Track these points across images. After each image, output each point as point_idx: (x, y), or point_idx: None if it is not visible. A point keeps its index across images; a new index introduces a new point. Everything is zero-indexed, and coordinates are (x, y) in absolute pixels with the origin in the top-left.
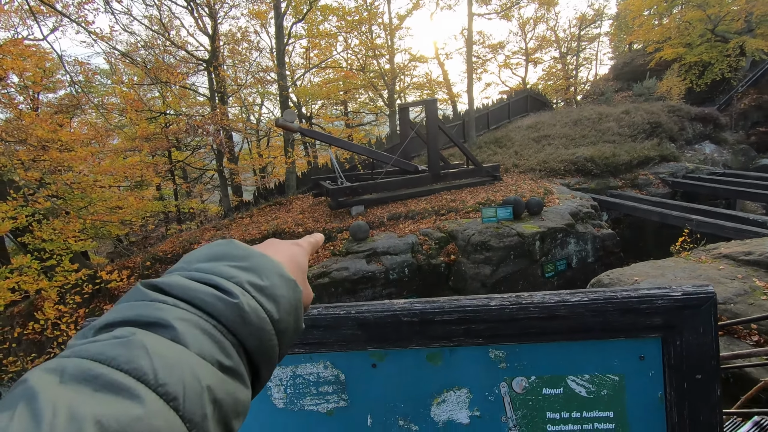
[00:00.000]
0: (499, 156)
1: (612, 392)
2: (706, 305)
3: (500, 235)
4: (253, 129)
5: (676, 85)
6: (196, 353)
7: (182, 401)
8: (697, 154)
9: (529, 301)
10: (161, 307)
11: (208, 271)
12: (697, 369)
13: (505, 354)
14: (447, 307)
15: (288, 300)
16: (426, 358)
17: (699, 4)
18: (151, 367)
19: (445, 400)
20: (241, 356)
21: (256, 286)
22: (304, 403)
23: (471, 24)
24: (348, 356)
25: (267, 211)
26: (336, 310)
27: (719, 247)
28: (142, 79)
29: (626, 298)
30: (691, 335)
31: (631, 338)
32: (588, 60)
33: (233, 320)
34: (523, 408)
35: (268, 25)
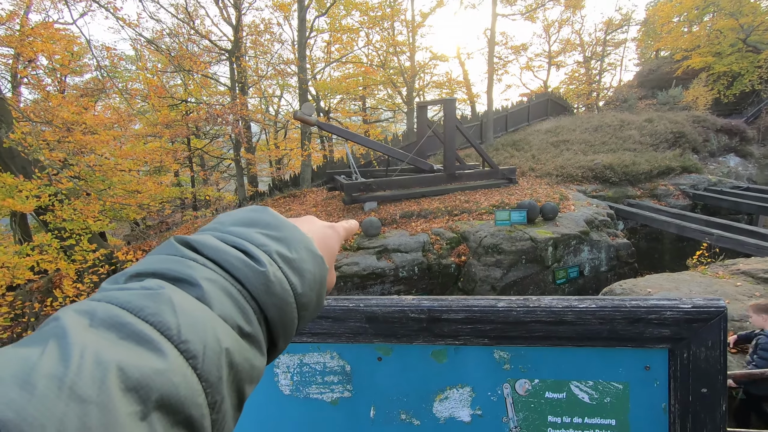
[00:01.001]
0: (515, 159)
1: (615, 400)
2: (716, 319)
3: (512, 239)
4: (272, 120)
5: (702, 95)
6: (218, 315)
7: (201, 360)
8: (720, 166)
9: (537, 305)
10: (191, 265)
11: (240, 235)
12: (703, 383)
13: (510, 356)
14: (455, 306)
15: (313, 275)
16: (431, 354)
17: (731, 13)
18: (176, 323)
19: (448, 398)
20: (261, 324)
21: (284, 257)
22: (310, 391)
23: (494, 24)
24: (355, 348)
25: (281, 203)
26: (345, 303)
27: (738, 263)
28: (165, 67)
29: (635, 307)
30: (699, 349)
31: (637, 348)
32: (612, 65)
33: (258, 288)
34: (525, 410)
35: (291, 17)
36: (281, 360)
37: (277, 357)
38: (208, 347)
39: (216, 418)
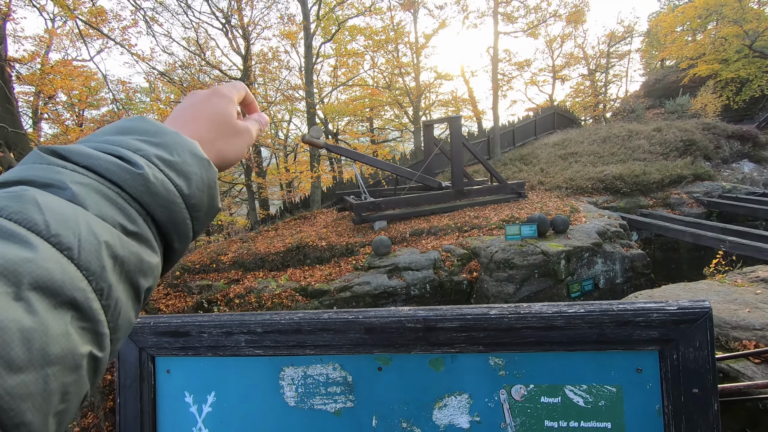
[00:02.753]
0: (524, 173)
1: (610, 403)
2: (701, 320)
3: (524, 253)
4: (281, 144)
5: (711, 102)
6: (95, 214)
7: (77, 251)
8: (734, 173)
9: (528, 311)
10: (60, 171)
11: (114, 143)
12: (694, 383)
13: (505, 362)
14: (449, 314)
15: (200, 177)
16: (429, 363)
17: (735, 20)
18: (42, 220)
19: (447, 405)
20: (148, 224)
21: (165, 160)
22: (314, 402)
23: (497, 42)
24: (355, 359)
25: (292, 225)
26: (345, 315)
27: (757, 271)
28: (178, 97)
29: (622, 310)
30: (688, 349)
31: (628, 350)
32: (618, 77)
33: (138, 189)
34: (521, 415)
35: (297, 45)
36: (286, 372)
37: (281, 369)
38: (84, 240)
39: (107, 304)
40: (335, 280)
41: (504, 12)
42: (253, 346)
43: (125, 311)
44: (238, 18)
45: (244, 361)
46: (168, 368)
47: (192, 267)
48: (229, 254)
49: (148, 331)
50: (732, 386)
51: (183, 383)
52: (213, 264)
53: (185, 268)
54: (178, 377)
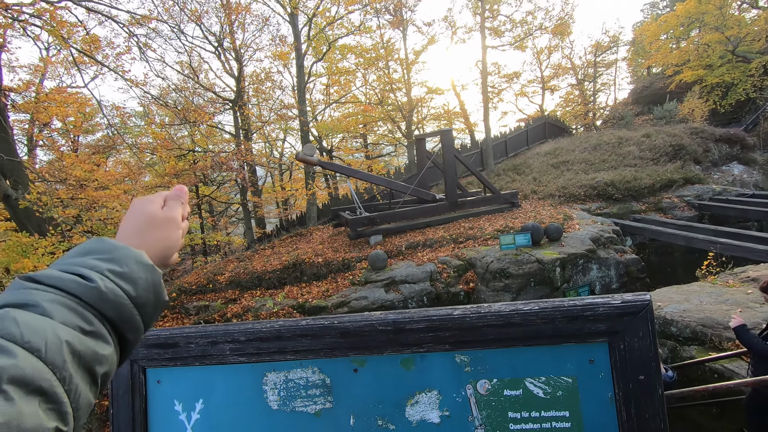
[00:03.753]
0: (517, 183)
1: (567, 393)
2: (643, 312)
3: (519, 262)
4: (276, 163)
5: (698, 107)
6: (59, 322)
7: (44, 351)
8: (725, 175)
9: (488, 311)
10: (33, 293)
11: (76, 264)
12: (640, 370)
13: (470, 359)
14: (416, 317)
15: (146, 281)
16: (400, 363)
17: (717, 26)
18: (18, 331)
19: (418, 402)
20: (103, 323)
21: (115, 272)
22: (295, 404)
23: (485, 56)
24: (333, 362)
25: (288, 242)
26: (322, 321)
27: (747, 271)
28: (172, 120)
29: (572, 306)
30: (633, 339)
31: (581, 343)
32: (606, 85)
33: (93, 298)
34: (487, 408)
35: (290, 65)
36: (269, 377)
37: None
38: (50, 342)
39: (69, 389)
40: (332, 296)
41: (491, 27)
42: (237, 354)
43: (84, 393)
44: (231, 41)
45: (229, 368)
46: (158, 378)
47: (189, 288)
48: (226, 274)
49: (139, 344)
50: (722, 385)
51: (172, 392)
52: (210, 284)
53: (182, 290)
54: (167, 386)
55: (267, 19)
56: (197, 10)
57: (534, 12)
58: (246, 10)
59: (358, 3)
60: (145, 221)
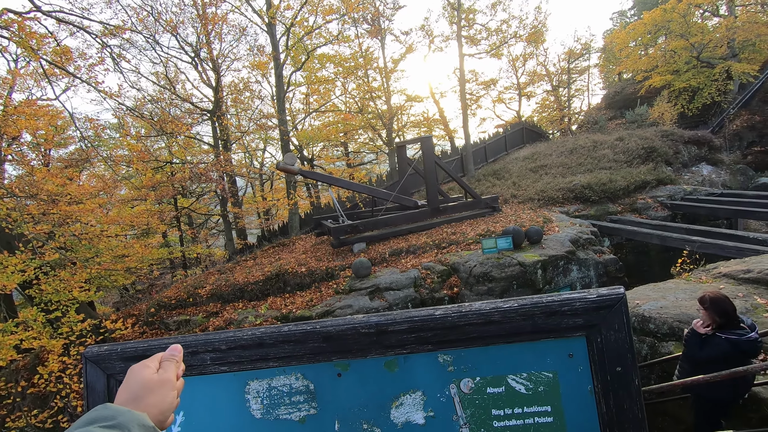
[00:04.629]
0: (497, 187)
1: (548, 388)
2: (617, 305)
3: (501, 266)
4: (257, 173)
5: (667, 111)
6: None
7: None
8: (695, 176)
9: (468, 310)
10: None
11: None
12: (617, 362)
13: (452, 358)
14: (398, 318)
15: None
16: (384, 365)
17: (682, 34)
18: None
19: (403, 403)
20: None
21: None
22: (279, 412)
23: (462, 64)
24: (316, 367)
25: (270, 253)
26: (304, 326)
27: (719, 267)
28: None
29: (550, 302)
30: (609, 333)
31: (560, 338)
32: (580, 91)
33: None
34: (471, 407)
35: (268, 74)
36: (251, 386)
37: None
38: None
39: None
40: (317, 306)
41: (467, 35)
42: (218, 363)
43: None
44: (208, 51)
45: (210, 378)
46: None
47: (168, 303)
48: (207, 287)
49: (115, 357)
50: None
51: None
52: (190, 298)
53: (161, 305)
54: None
55: (244, 29)
56: (172, 21)
57: (508, 21)
58: (223, 21)
59: (335, 13)
60: (142, 387)
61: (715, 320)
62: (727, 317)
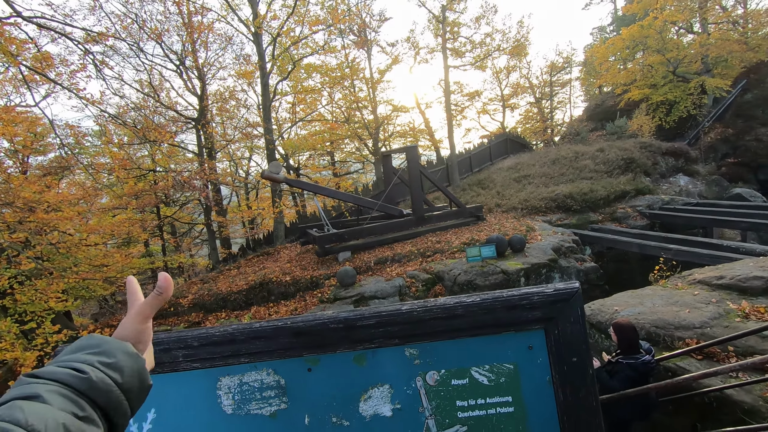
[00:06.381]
0: (482, 197)
1: (509, 379)
2: (573, 298)
3: (485, 274)
4: (242, 182)
5: (646, 123)
6: (57, 408)
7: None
8: (672, 186)
9: (433, 305)
10: (34, 386)
11: (70, 360)
12: (573, 353)
13: (419, 351)
14: (367, 313)
15: (131, 368)
16: (353, 360)
17: (658, 49)
18: (23, 417)
19: (371, 397)
20: (95, 409)
21: (104, 363)
22: (250, 407)
23: (447, 75)
24: (287, 363)
25: (254, 262)
26: (275, 322)
27: (693, 274)
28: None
29: (510, 296)
30: (565, 325)
31: (520, 331)
32: (562, 103)
33: (85, 388)
34: (436, 398)
35: (254, 83)
36: (223, 382)
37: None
38: (49, 425)
39: None
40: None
41: (452, 47)
42: (190, 360)
43: None
44: (193, 59)
45: (182, 375)
46: None
47: None
48: (189, 296)
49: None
50: (671, 381)
51: None
52: (171, 308)
53: None
54: None
55: (230, 38)
56: (157, 29)
57: (492, 34)
58: (209, 29)
59: (322, 24)
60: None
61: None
62: (629, 341)
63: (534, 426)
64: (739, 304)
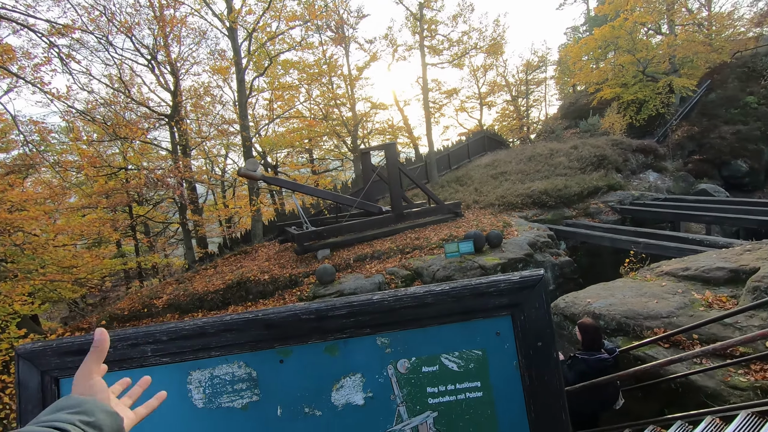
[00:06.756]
0: (460, 194)
1: (477, 365)
2: (538, 285)
3: (463, 269)
4: (218, 180)
5: (617, 121)
6: None
7: None
8: (642, 182)
9: (404, 294)
10: None
11: (51, 419)
12: (538, 338)
13: (390, 340)
14: (338, 304)
15: (110, 425)
16: (324, 350)
17: (629, 50)
18: None
19: (343, 386)
20: None
21: (85, 421)
22: (222, 400)
23: (425, 73)
24: (258, 355)
25: (232, 261)
26: (246, 315)
27: (661, 266)
28: (101, 136)
29: (478, 284)
30: (531, 311)
31: (488, 318)
32: (537, 101)
33: None
34: (407, 386)
35: (230, 79)
36: (193, 376)
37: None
38: None
39: None
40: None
41: (429, 45)
42: (159, 355)
43: None
44: (165, 54)
45: (151, 370)
46: None
47: (121, 315)
48: (164, 297)
49: (50, 353)
50: (639, 368)
51: None
52: (145, 309)
53: (114, 317)
54: None
55: (204, 32)
56: (127, 22)
57: (469, 32)
58: (181, 23)
59: (299, 19)
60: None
61: (583, 342)
62: (591, 340)
63: (502, 409)
64: (703, 294)
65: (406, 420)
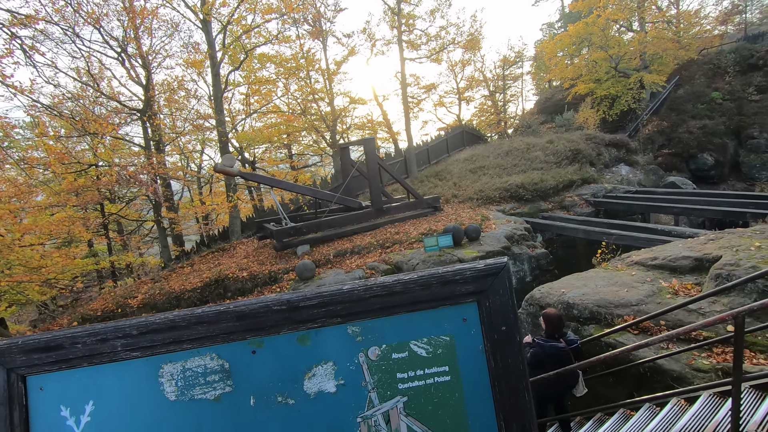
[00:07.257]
0: (439, 188)
1: (445, 350)
2: (502, 272)
3: (443, 262)
4: (194, 176)
5: (591, 116)
6: None
7: None
8: (615, 175)
9: (373, 283)
10: None
11: None
12: (502, 322)
13: (360, 329)
14: (309, 294)
15: None
16: (297, 340)
17: (602, 46)
18: None
19: (315, 375)
20: None
21: None
22: (194, 393)
23: (403, 67)
24: (231, 347)
25: (209, 258)
26: (218, 307)
27: (631, 256)
28: (69, 131)
29: (445, 272)
30: (495, 297)
31: (455, 305)
32: (515, 96)
33: None
34: (378, 372)
35: (204, 73)
36: (165, 369)
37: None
38: None
39: None
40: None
41: (407, 40)
42: (129, 349)
43: None
44: (136, 46)
45: (121, 365)
46: (41, 385)
47: (93, 315)
48: (139, 296)
49: (16, 350)
50: (609, 354)
51: (57, 398)
52: (119, 309)
53: (86, 318)
54: (51, 393)
55: (177, 24)
56: (95, 13)
57: (447, 27)
58: (152, 15)
59: (275, 12)
60: None
61: (546, 329)
62: (553, 328)
63: (469, 391)
64: (670, 282)
65: (377, 405)
